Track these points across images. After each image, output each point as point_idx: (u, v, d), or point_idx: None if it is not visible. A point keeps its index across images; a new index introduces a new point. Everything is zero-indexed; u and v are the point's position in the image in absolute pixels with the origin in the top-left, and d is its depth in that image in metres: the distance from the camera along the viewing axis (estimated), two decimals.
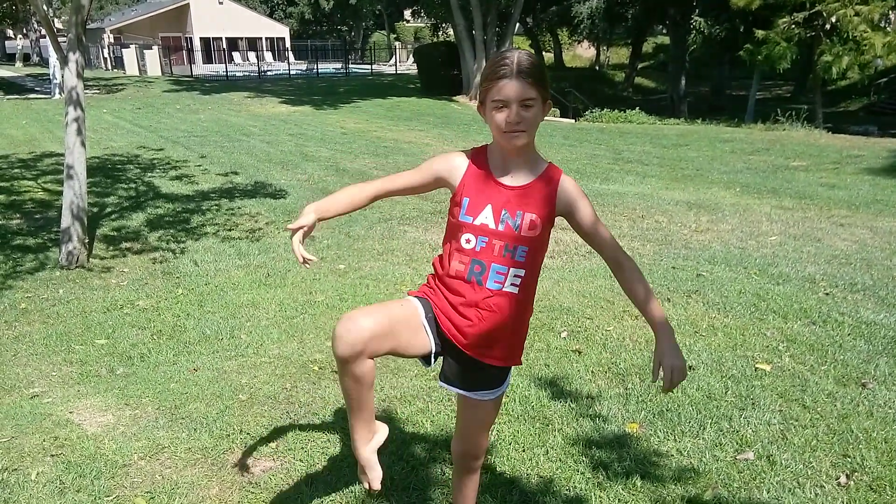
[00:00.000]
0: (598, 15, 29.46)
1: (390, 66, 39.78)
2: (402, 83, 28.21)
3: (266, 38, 42.65)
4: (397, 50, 42.15)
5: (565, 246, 6.24)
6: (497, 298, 1.77)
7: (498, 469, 2.63)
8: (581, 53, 43.66)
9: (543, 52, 38.72)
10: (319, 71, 34.73)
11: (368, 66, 38.73)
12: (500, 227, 1.75)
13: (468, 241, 1.76)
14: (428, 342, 1.79)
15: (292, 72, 34.52)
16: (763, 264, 5.30)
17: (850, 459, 2.68)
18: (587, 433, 2.91)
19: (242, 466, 2.66)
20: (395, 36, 49.13)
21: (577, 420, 3.03)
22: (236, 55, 40.89)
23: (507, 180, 1.78)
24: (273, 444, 2.80)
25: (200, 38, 39.32)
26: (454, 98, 22.19)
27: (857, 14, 16.21)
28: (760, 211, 7.24)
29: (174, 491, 2.52)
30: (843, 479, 2.56)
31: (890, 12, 20.56)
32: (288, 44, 43.07)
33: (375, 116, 17.79)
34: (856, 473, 2.59)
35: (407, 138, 13.93)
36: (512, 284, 1.77)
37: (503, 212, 1.75)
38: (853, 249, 5.68)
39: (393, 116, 17.84)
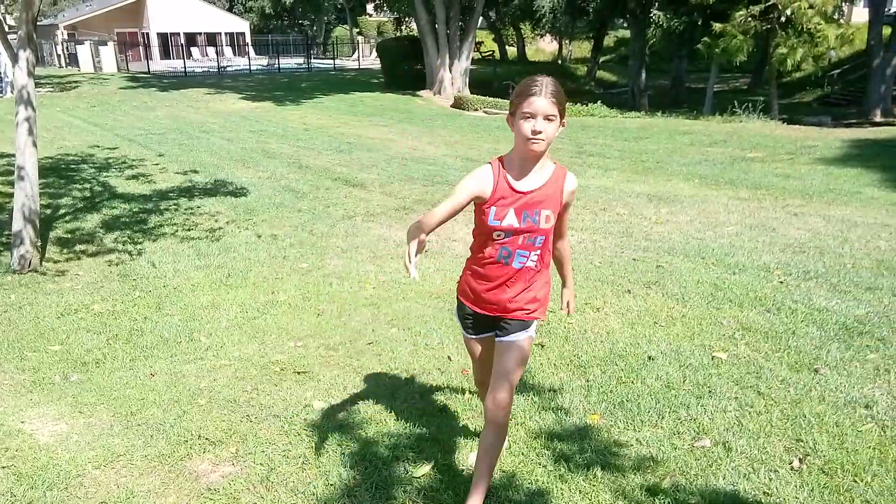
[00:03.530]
0: (559, 9, 29.65)
1: (353, 60, 39.47)
2: (365, 78, 28.01)
3: (226, 33, 41.89)
4: (360, 44, 41.83)
5: None
6: (520, 271, 2.25)
7: (460, 466, 2.64)
8: (544, 47, 43.89)
9: (507, 47, 38.83)
10: (281, 66, 34.27)
11: (331, 61, 38.35)
12: (523, 225, 2.19)
13: (498, 236, 2.22)
14: (490, 335, 2.39)
15: (253, 67, 33.99)
16: (720, 254, 5.41)
17: (802, 444, 2.76)
18: (549, 426, 2.94)
19: (201, 472, 2.61)
20: (357, 30, 48.70)
21: (539, 413, 3.05)
22: (195, 51, 40.11)
23: (524, 185, 2.18)
24: (233, 449, 2.76)
25: (158, 34, 38.44)
26: (417, 93, 22.11)
27: (811, 6, 16.61)
28: (718, 202, 7.38)
29: (130, 500, 2.46)
30: (795, 464, 2.63)
31: (843, 4, 21.11)
32: (248, 39, 42.35)
33: (338, 112, 17.63)
34: (808, 457, 2.66)
35: (370, 134, 13.85)
36: (531, 261, 2.25)
37: (524, 212, 2.18)
38: (806, 238, 5.83)
39: (356, 112, 17.71)
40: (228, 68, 34.17)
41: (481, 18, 27.78)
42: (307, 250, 6.10)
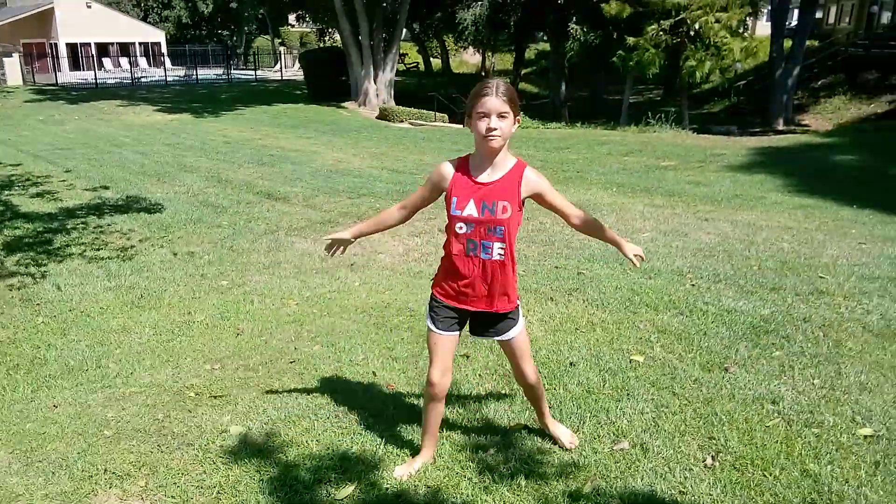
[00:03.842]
0: (481, 22, 30.11)
1: (275, 71, 38.81)
2: (288, 89, 27.59)
3: (140, 43, 40.35)
4: (283, 55, 41.21)
5: None
6: (489, 263, 2.44)
7: (384, 484, 2.60)
8: (468, 59, 44.47)
9: (431, 59, 39.13)
10: (199, 77, 33.33)
11: (252, 72, 37.60)
12: (482, 215, 2.38)
13: (461, 227, 2.42)
14: (457, 334, 2.58)
15: (169, 78, 32.89)
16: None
17: (715, 441, 2.86)
18: (475, 438, 2.94)
19: None
20: (279, 41, 47.94)
21: (465, 425, 3.05)
22: (107, 61, 38.45)
23: (483, 178, 2.40)
24: (142, 483, 2.62)
25: (67, 44, 36.62)
26: (342, 104, 21.96)
27: (717, 21, 17.51)
28: (634, 209, 7.63)
29: None
30: (709, 461, 2.73)
31: (748, 19, 22.33)
32: (164, 49, 40.98)
33: (260, 124, 17.28)
34: (720, 454, 2.76)
35: (294, 146, 13.63)
36: (498, 253, 2.43)
37: (482, 202, 2.38)
38: (716, 242, 6.10)
39: (279, 124, 17.40)
40: (143, 79, 32.96)
41: (405, 30, 27.88)
42: (227, 267, 5.92)
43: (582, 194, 8.43)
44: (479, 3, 29.16)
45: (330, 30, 34.17)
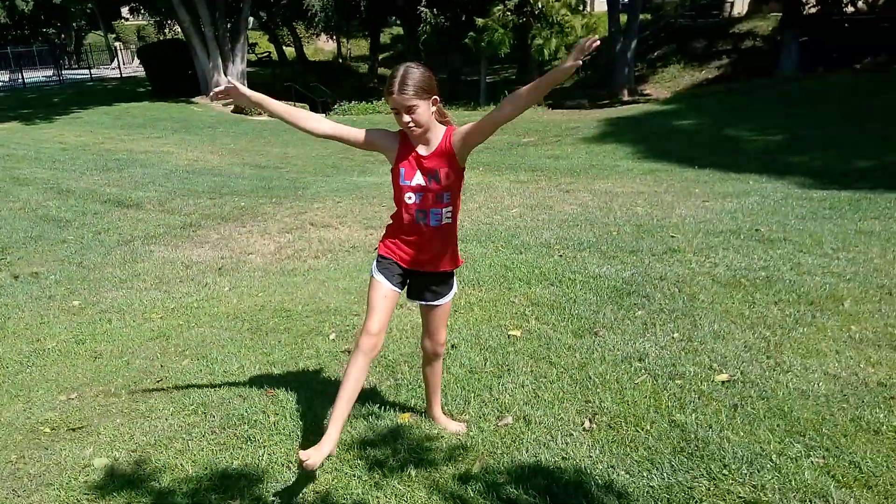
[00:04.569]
0: (330, 7, 29.51)
1: (113, 69, 36.00)
2: (129, 87, 25.69)
3: None
4: (119, 51, 38.29)
5: (329, 245, 6.18)
6: (438, 229, 2.52)
7: (269, 497, 2.50)
8: (322, 46, 43.50)
9: (284, 47, 37.90)
10: (26, 81, 30.23)
11: (87, 71, 34.63)
12: (430, 184, 2.46)
13: (409, 198, 2.49)
14: (399, 292, 2.61)
15: None
16: (507, 236, 5.74)
17: (591, 404, 3.00)
18: (361, 434, 2.89)
19: None
20: (114, 36, 44.39)
21: (350, 422, 2.99)
22: None
23: (423, 151, 2.47)
24: None
25: None
26: (192, 100, 20.77)
27: (558, 0, 18.25)
28: (502, 187, 7.84)
29: None
30: (587, 424, 2.86)
31: None
32: None
33: (102, 126, 15.97)
34: (597, 416, 2.90)
35: (142, 147, 12.74)
36: (446, 218, 2.52)
37: (427, 173, 2.46)
38: (578, 212, 6.40)
39: (123, 125, 16.17)
40: None
41: (252, 19, 26.77)
42: (77, 286, 5.45)
43: None
44: None
45: (169, 21, 32.10)
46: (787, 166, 7.72)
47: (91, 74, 33.30)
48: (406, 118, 2.37)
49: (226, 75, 21.07)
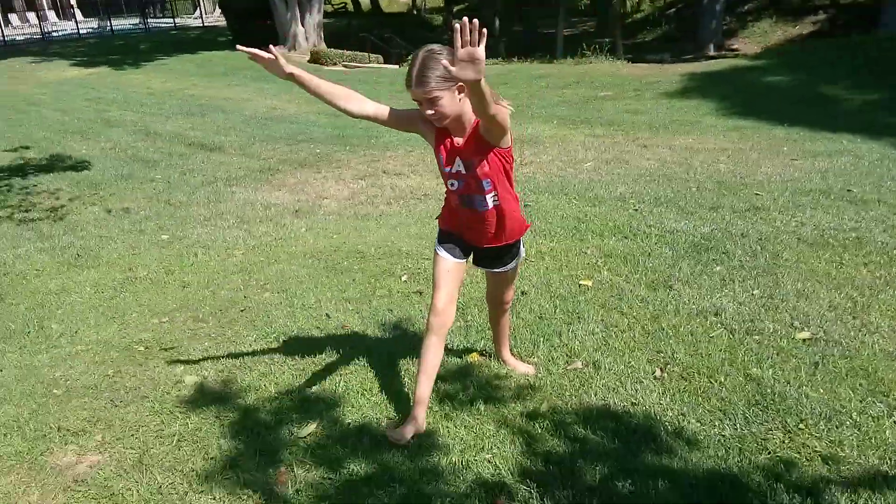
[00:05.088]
0: None
1: (195, 18, 36.82)
2: (210, 36, 26.27)
3: None
4: (202, 1, 39.07)
5: (401, 192, 6.26)
6: (487, 213, 2.43)
7: (347, 419, 2.62)
8: None
9: None
10: (114, 28, 31.35)
11: (171, 20, 35.58)
12: (467, 171, 2.36)
13: (452, 184, 2.43)
14: (464, 262, 2.56)
15: (82, 31, 30.80)
16: (581, 189, 5.66)
17: (663, 355, 2.98)
18: None
19: (65, 465, 2.42)
20: None
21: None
22: (13, 17, 35.72)
23: (458, 139, 2.35)
24: (98, 437, 2.57)
25: None
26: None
27: None
28: (576, 140, 7.69)
29: None
30: (658, 373, 2.84)
31: None
32: (73, 0, 38.28)
33: (186, 74, 16.48)
34: (668, 366, 2.88)
35: (224, 94, 13.09)
36: (492, 201, 2.41)
37: (463, 161, 2.35)
38: (656, 167, 6.23)
39: (205, 73, 16.63)
40: (54, 33, 30.80)
41: None
42: (165, 221, 5.73)
43: (524, 128, 8.42)
44: None
45: None
46: (885, 127, 7.23)
47: (175, 23, 34.21)
48: (430, 109, 2.22)
49: (302, 26, 21.26)
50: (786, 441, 2.33)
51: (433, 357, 2.48)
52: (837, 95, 9.28)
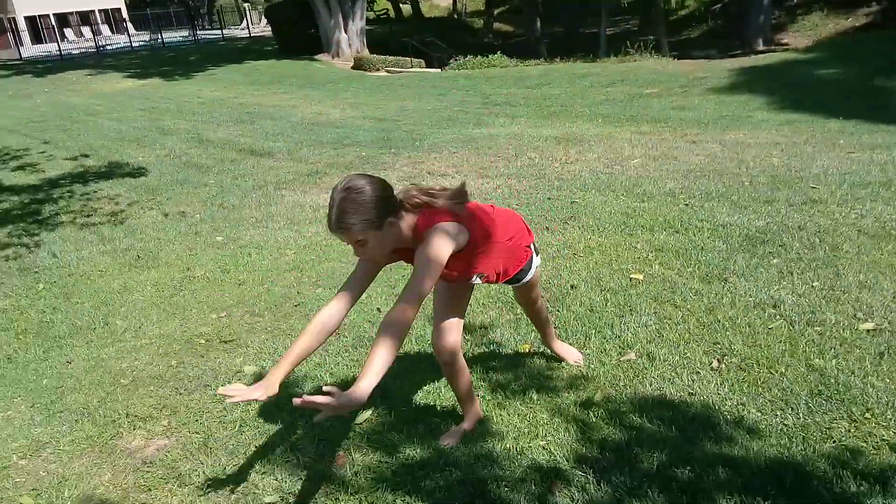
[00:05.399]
0: None
1: (242, 29, 37.78)
2: (257, 46, 26.91)
3: (99, 10, 39.08)
4: (248, 11, 40.04)
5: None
6: (482, 283, 2.33)
7: (401, 407, 2.66)
8: (438, 3, 43.39)
9: (401, 4, 38.18)
10: (165, 40, 32.41)
11: (219, 32, 36.57)
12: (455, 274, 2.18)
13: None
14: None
15: (134, 44, 31.95)
16: (629, 185, 5.60)
17: (719, 346, 2.93)
18: (485, 360, 3.00)
19: (134, 448, 2.52)
20: None
21: (473, 350, 3.11)
22: (68, 32, 37.28)
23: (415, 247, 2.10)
24: (165, 422, 2.68)
25: (25, 18, 35.44)
26: (315, 57, 21.47)
27: None
28: (622, 138, 7.61)
29: (62, 484, 2.35)
30: (715, 364, 2.80)
31: None
32: (125, 14, 39.72)
33: (234, 83, 16.92)
34: (726, 357, 2.84)
35: (271, 102, 13.39)
36: (481, 279, 2.29)
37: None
38: (705, 163, 6.12)
39: (253, 81, 17.05)
40: (108, 47, 32.00)
41: None
42: (220, 224, 5.90)
43: (568, 127, 8.39)
44: None
45: None
46: None
47: (223, 34, 35.15)
48: (358, 251, 2.00)
49: (346, 33, 21.60)
50: (851, 430, 2.27)
51: (464, 376, 2.42)
52: (893, 87, 8.97)
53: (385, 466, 2.30)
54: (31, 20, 35.72)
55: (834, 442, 2.23)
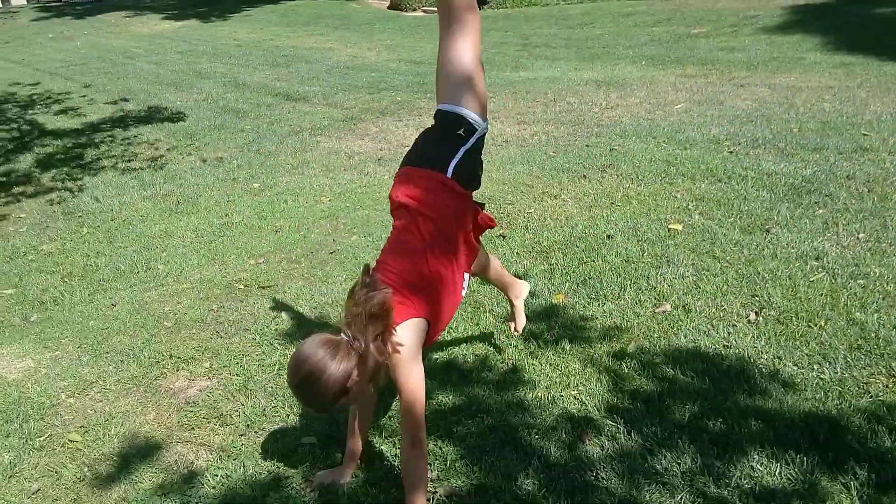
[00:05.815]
0: None
1: None
2: None
3: None
4: None
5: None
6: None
7: (434, 355, 2.70)
8: None
9: None
10: None
11: None
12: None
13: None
14: None
15: None
16: (671, 132, 5.44)
17: (758, 298, 2.88)
18: None
19: (178, 389, 2.62)
20: None
21: (505, 300, 3.10)
22: None
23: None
24: (207, 364, 2.77)
25: None
26: None
27: None
28: (666, 81, 7.36)
29: (109, 422, 2.47)
30: (752, 317, 2.76)
31: None
32: None
33: (269, 24, 16.75)
34: (764, 310, 2.79)
35: (307, 44, 13.25)
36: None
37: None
38: (753, 108, 5.89)
39: (289, 22, 16.85)
40: None
41: None
42: (256, 170, 5.94)
43: (610, 70, 8.14)
44: None
45: None
46: None
47: None
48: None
49: None
50: (890, 385, 2.23)
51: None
52: None
53: None
54: None
55: (871, 397, 2.20)
